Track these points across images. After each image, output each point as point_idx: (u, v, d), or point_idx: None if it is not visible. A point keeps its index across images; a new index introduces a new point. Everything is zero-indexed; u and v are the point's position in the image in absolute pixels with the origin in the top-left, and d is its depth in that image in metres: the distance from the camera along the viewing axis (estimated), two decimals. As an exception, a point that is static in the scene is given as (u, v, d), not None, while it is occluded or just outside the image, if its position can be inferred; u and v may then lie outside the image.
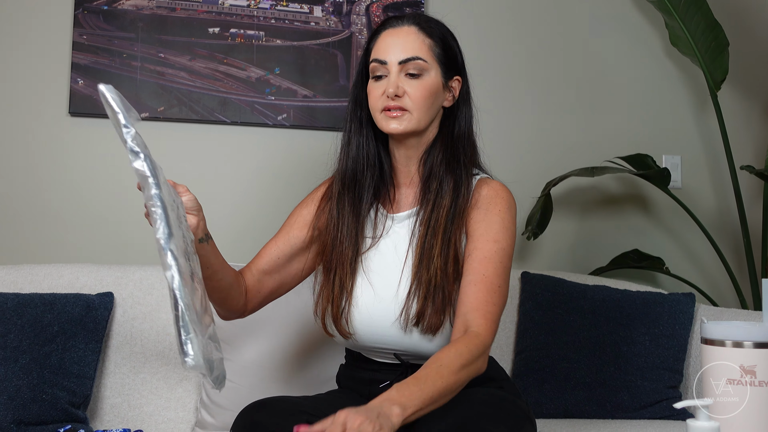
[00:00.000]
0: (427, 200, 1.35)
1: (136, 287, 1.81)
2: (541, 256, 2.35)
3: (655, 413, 1.76)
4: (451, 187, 1.34)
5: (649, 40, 2.46)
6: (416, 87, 1.33)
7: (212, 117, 2.14)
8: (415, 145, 1.38)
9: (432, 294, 1.29)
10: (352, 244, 1.37)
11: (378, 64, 1.34)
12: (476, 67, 2.34)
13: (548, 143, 2.37)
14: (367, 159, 1.40)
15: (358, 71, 1.41)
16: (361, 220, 1.39)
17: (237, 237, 2.15)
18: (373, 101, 1.35)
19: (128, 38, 2.10)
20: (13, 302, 1.64)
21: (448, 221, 1.32)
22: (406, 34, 1.34)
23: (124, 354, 1.75)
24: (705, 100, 2.46)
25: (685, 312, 1.86)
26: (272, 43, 2.18)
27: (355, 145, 1.40)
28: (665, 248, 2.41)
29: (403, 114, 1.33)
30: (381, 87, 1.34)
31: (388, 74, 1.33)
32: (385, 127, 1.34)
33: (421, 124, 1.35)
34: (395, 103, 1.32)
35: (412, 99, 1.32)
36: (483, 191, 1.36)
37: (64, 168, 2.09)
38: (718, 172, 2.47)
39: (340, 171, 1.42)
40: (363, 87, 1.40)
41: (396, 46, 1.33)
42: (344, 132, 1.42)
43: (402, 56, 1.32)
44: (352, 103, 1.42)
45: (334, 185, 1.43)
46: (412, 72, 1.33)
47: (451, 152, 1.37)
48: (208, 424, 1.71)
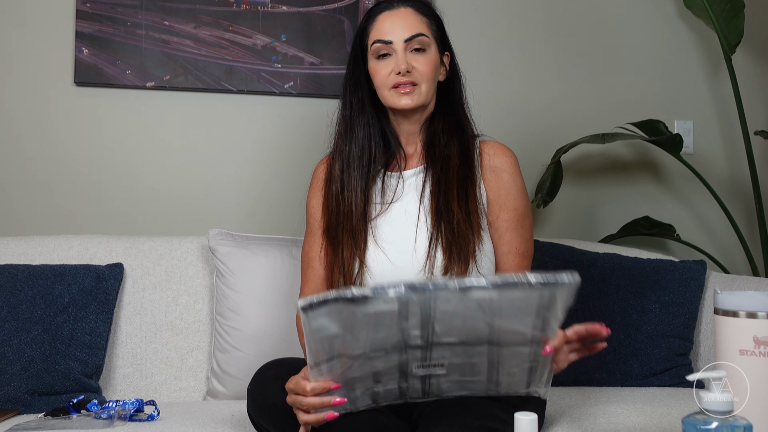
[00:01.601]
0: (434, 159, 1.41)
1: (145, 258, 1.81)
2: (551, 224, 2.33)
3: (664, 381, 1.76)
4: (456, 147, 1.42)
5: (662, 3, 2.41)
6: (422, 62, 1.39)
7: (218, 86, 2.12)
8: (418, 120, 1.45)
9: (457, 243, 1.33)
10: (360, 212, 1.40)
11: (382, 44, 1.39)
12: (485, 33, 2.31)
13: (558, 110, 2.33)
14: (374, 139, 1.44)
15: (353, 55, 1.45)
16: (369, 192, 1.42)
17: (247, 206, 2.15)
18: (380, 80, 1.40)
19: (132, 6, 2.07)
20: (24, 273, 1.65)
21: (460, 175, 1.39)
22: (405, 14, 1.41)
23: (135, 324, 1.76)
24: (718, 64, 2.41)
25: (696, 279, 1.85)
26: (278, 9, 2.14)
27: (361, 128, 1.44)
28: (676, 215, 2.39)
29: (413, 89, 1.39)
30: (388, 65, 1.39)
31: (393, 53, 1.39)
32: (396, 102, 1.39)
33: (428, 96, 1.41)
34: (406, 79, 1.38)
35: (420, 73, 1.39)
36: (487, 149, 1.45)
37: (71, 138, 2.08)
38: (731, 137, 2.43)
39: (343, 154, 1.44)
40: (361, 69, 1.43)
41: (398, 25, 1.39)
42: (343, 116, 1.46)
43: (407, 34, 1.39)
44: (351, 86, 1.45)
45: (333, 167, 1.45)
46: (417, 47, 1.39)
47: (452, 119, 1.45)
48: (219, 392, 1.73)
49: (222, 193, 2.15)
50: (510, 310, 1.01)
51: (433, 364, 1.06)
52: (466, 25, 2.28)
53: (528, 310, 1.01)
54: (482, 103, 2.27)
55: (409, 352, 1.04)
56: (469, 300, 0.99)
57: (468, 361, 1.06)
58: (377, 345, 1.03)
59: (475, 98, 1.50)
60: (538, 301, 1.01)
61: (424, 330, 1.02)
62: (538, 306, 1.01)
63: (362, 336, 1.01)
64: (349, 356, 1.04)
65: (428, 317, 1.01)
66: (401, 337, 1.02)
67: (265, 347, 1.72)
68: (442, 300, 0.99)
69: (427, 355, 1.05)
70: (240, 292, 1.74)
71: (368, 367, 1.06)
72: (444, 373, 1.08)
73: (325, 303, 0.97)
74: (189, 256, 1.84)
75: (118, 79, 2.07)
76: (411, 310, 1.00)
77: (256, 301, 1.75)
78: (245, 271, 1.76)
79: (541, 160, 2.24)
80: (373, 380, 1.08)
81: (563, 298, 1.01)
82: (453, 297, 0.99)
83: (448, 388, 1.11)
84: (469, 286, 0.98)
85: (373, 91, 1.44)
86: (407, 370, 1.06)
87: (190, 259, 1.84)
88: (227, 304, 1.75)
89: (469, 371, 1.08)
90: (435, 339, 1.03)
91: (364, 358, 1.04)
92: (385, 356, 1.04)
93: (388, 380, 1.08)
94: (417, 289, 0.98)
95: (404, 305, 0.99)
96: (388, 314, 0.99)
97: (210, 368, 1.77)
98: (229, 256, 1.77)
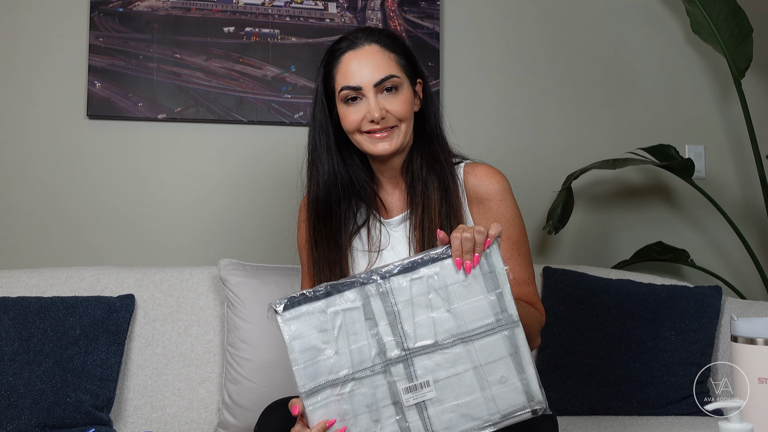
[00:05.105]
0: (415, 204, 1.34)
1: (156, 289, 1.81)
2: (563, 251, 2.32)
3: (682, 409, 1.73)
4: (436, 185, 1.33)
5: (670, 28, 2.41)
6: (396, 103, 1.30)
7: (229, 117, 2.13)
8: (399, 159, 1.37)
9: None
10: (343, 262, 1.35)
11: (350, 90, 1.30)
12: (495, 61, 2.32)
13: (568, 135, 2.33)
14: (341, 185, 1.35)
15: (318, 94, 1.36)
16: (344, 252, 1.36)
17: (258, 236, 2.15)
18: (351, 125, 1.32)
19: (144, 39, 2.10)
20: (36, 306, 1.65)
21: (443, 219, 1.31)
22: (371, 53, 1.30)
23: (147, 356, 1.76)
24: (728, 88, 2.41)
25: (711, 305, 1.82)
26: (287, 41, 2.17)
27: (326, 173, 1.35)
28: (690, 240, 2.37)
29: (391, 132, 1.31)
30: (359, 110, 1.30)
31: (363, 97, 1.30)
32: (373, 149, 1.32)
33: (407, 135, 1.33)
34: (381, 125, 1.30)
35: (396, 115, 1.30)
36: (471, 180, 1.36)
37: (84, 171, 2.09)
38: (743, 161, 2.42)
39: (312, 200, 1.37)
40: (325, 111, 1.35)
41: (364, 67, 1.29)
42: (308, 162, 1.37)
43: (376, 77, 1.29)
44: (316, 130, 1.35)
45: (307, 213, 1.39)
46: (389, 87, 1.30)
47: (429, 152, 1.36)
48: (230, 424, 1.71)
49: (233, 223, 2.15)
50: (457, 286, 1.10)
51: (419, 384, 1.09)
52: (476, 53, 2.29)
53: (472, 280, 1.10)
54: (492, 130, 2.30)
55: (392, 370, 1.09)
56: (419, 284, 1.10)
57: (453, 373, 1.09)
58: (359, 359, 1.09)
59: (485, 125, 1.49)
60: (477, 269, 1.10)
61: (395, 334, 1.10)
62: (482, 273, 1.10)
63: (342, 346, 1.09)
64: (338, 381, 1.09)
65: (393, 314, 1.10)
66: (378, 348, 1.09)
67: (276, 378, 1.70)
68: (396, 289, 1.10)
69: (410, 370, 1.09)
70: (251, 323, 1.74)
71: (360, 397, 1.09)
72: (434, 395, 1.09)
73: (290, 301, 1.10)
74: (200, 287, 1.84)
75: (130, 111, 2.09)
76: (374, 308, 1.10)
77: (267, 331, 1.74)
78: (256, 301, 1.75)
79: (552, 187, 2.23)
80: (371, 418, 1.08)
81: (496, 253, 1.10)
82: (402, 283, 1.10)
83: (449, 424, 1.09)
84: (388, 271, 1.11)
85: (341, 133, 1.36)
86: (399, 399, 1.09)
87: (201, 289, 1.84)
88: (238, 335, 1.74)
89: (460, 388, 1.09)
90: (410, 344, 1.09)
91: (353, 381, 1.09)
92: (372, 377, 1.09)
93: (386, 419, 1.09)
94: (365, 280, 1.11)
95: (366, 300, 1.10)
96: (356, 314, 1.10)
97: (221, 399, 1.75)
98: (240, 286, 1.77)
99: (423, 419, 1.08)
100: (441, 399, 1.09)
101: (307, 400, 1.09)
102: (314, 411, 1.09)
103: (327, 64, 1.34)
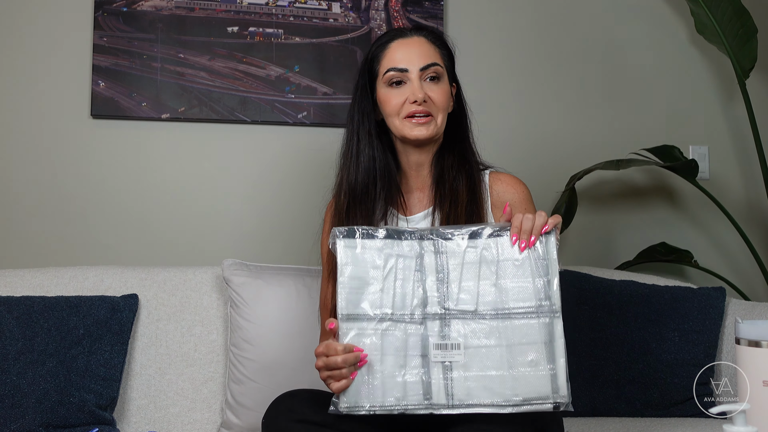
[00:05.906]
0: (442, 200, 1.38)
1: (160, 288, 1.81)
2: (567, 251, 2.32)
3: (685, 411, 1.73)
4: (465, 184, 1.38)
5: (674, 29, 2.41)
6: (437, 91, 1.36)
7: (233, 116, 2.13)
8: (429, 151, 1.41)
9: None
10: None
11: (397, 72, 1.36)
12: (498, 62, 2.32)
13: (572, 136, 2.33)
14: (379, 170, 1.40)
15: (361, 83, 1.41)
16: None
17: (261, 235, 2.15)
18: (392, 108, 1.37)
19: (148, 39, 2.10)
20: (40, 305, 1.66)
21: (468, 212, 1.36)
22: (419, 43, 1.38)
23: (150, 355, 1.76)
24: (732, 89, 2.40)
25: (715, 307, 1.82)
26: (291, 40, 2.17)
27: (366, 157, 1.40)
28: (693, 241, 2.36)
29: (428, 120, 1.35)
30: (402, 94, 1.36)
31: (408, 81, 1.36)
32: (409, 133, 1.36)
33: (442, 128, 1.39)
34: (423, 108, 1.34)
35: (435, 103, 1.36)
36: (497, 186, 1.41)
37: (87, 170, 2.10)
38: (747, 162, 2.41)
39: (349, 183, 1.40)
40: (369, 98, 1.40)
41: (413, 53, 1.37)
42: (350, 145, 1.42)
43: (422, 62, 1.36)
44: (358, 114, 1.41)
45: (340, 200, 1.42)
46: (432, 76, 1.36)
47: (460, 154, 1.41)
48: (233, 424, 1.72)
49: (236, 222, 2.16)
50: (508, 264, 1.15)
51: (451, 344, 1.12)
52: (479, 55, 2.29)
53: (524, 261, 1.14)
54: (496, 131, 2.29)
55: (428, 324, 1.12)
56: (474, 252, 1.15)
57: (485, 344, 1.11)
58: (401, 303, 1.13)
59: (489, 126, 1.50)
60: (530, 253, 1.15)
61: (440, 291, 1.14)
62: (534, 257, 1.15)
63: (388, 286, 1.13)
64: (376, 316, 1.13)
65: (443, 273, 1.14)
66: (421, 299, 1.14)
67: (280, 378, 1.70)
68: (451, 251, 1.15)
69: (446, 330, 1.12)
70: (254, 323, 1.74)
71: (392, 339, 1.12)
72: (462, 360, 1.10)
73: (350, 231, 1.17)
74: (203, 287, 1.84)
75: (134, 111, 2.09)
76: (426, 262, 1.15)
77: (270, 331, 1.74)
78: (259, 301, 1.76)
79: (556, 187, 2.23)
80: (397, 362, 1.11)
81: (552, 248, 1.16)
82: (458, 247, 1.15)
83: (470, 393, 1.10)
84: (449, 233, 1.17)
85: (379, 122, 1.41)
86: (428, 353, 1.11)
87: (204, 289, 1.84)
88: (241, 335, 1.74)
89: (488, 360, 1.10)
90: (451, 305, 1.12)
91: (389, 321, 1.12)
92: (408, 324, 1.12)
93: (411, 368, 1.11)
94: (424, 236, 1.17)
95: (420, 252, 1.15)
96: (408, 262, 1.15)
97: (224, 399, 1.76)
98: (243, 286, 1.77)
99: (446, 380, 1.11)
100: (467, 366, 1.11)
101: (343, 324, 1.13)
102: (346, 334, 1.13)
103: (374, 51, 1.40)
